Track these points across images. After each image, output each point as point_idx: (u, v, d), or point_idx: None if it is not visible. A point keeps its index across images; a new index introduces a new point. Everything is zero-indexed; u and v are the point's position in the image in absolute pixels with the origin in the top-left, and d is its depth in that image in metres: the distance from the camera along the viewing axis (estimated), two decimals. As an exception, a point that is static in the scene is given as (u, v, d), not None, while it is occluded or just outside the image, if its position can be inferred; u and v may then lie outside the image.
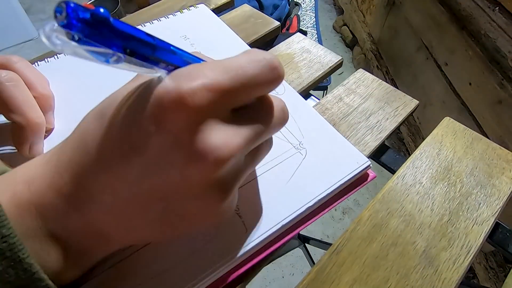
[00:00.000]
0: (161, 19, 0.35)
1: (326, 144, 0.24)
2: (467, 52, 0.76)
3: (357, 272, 0.19)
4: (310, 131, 0.25)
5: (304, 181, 0.22)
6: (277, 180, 0.22)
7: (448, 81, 0.84)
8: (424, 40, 0.94)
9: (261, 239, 0.19)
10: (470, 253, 0.20)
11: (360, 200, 1.05)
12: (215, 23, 0.36)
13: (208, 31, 0.35)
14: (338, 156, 0.23)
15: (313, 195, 0.21)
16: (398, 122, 0.28)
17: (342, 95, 0.31)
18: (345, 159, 0.23)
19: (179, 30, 0.35)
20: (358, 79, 0.32)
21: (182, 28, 0.35)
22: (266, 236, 0.19)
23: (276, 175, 0.22)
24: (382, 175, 1.26)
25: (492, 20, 0.68)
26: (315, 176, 0.22)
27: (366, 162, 0.23)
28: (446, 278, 0.19)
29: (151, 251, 0.18)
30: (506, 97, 0.66)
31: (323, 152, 0.23)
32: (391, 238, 0.21)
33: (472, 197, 0.23)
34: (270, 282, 0.88)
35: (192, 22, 0.35)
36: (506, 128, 0.67)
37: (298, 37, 0.37)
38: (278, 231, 0.20)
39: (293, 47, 0.36)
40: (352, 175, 0.22)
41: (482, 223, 0.21)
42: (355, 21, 1.44)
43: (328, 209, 0.21)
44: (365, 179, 0.23)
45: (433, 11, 0.87)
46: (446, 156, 0.25)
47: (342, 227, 0.99)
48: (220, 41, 0.33)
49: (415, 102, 0.30)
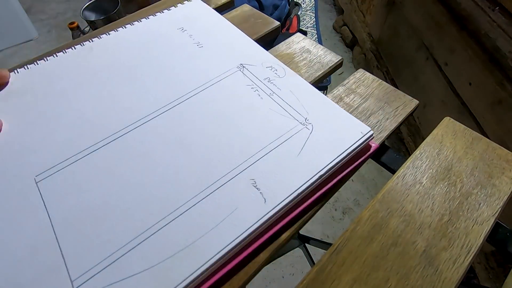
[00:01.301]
0: (157, 14, 0.36)
1: (330, 118, 0.26)
2: (467, 52, 0.75)
3: (357, 272, 0.19)
4: (314, 107, 0.27)
5: (314, 152, 0.24)
6: (289, 154, 0.24)
7: (448, 81, 0.84)
8: (424, 40, 0.94)
9: (280, 206, 0.21)
10: (470, 253, 0.20)
11: (360, 200, 1.05)
12: (210, 14, 0.37)
13: (205, 22, 0.36)
14: (343, 128, 0.25)
15: (323, 164, 0.23)
16: (398, 122, 0.28)
17: (342, 95, 0.31)
18: (349, 130, 0.25)
19: (175, 23, 0.35)
20: (358, 79, 0.32)
21: (178, 21, 0.36)
22: (284, 204, 0.21)
23: (287, 149, 0.24)
24: (382, 175, 1.25)
25: (492, 20, 0.67)
26: (323, 147, 0.24)
27: (369, 131, 0.25)
28: (446, 278, 0.19)
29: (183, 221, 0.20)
30: (506, 97, 0.66)
31: (328, 125, 0.26)
32: (391, 238, 0.21)
33: (472, 197, 0.23)
34: (270, 282, 0.88)
35: (188, 15, 0.36)
36: (506, 128, 0.67)
37: (298, 37, 0.37)
38: (295, 200, 0.22)
39: (293, 47, 0.36)
40: (358, 143, 0.24)
41: (482, 223, 0.21)
42: (355, 21, 1.44)
43: (337, 178, 0.24)
44: (368, 149, 0.25)
45: (433, 11, 0.87)
46: (446, 156, 0.25)
47: (342, 227, 0.99)
48: (217, 31, 0.35)
49: (415, 102, 0.30)
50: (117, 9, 1.39)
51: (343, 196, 1.07)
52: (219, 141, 0.24)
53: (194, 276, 0.18)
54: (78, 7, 1.49)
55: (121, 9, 1.43)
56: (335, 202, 1.05)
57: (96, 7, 1.44)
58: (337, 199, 1.06)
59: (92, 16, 1.43)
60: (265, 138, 0.25)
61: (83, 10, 1.39)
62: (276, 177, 0.22)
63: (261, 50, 0.32)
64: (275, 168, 0.23)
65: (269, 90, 0.28)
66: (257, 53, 0.32)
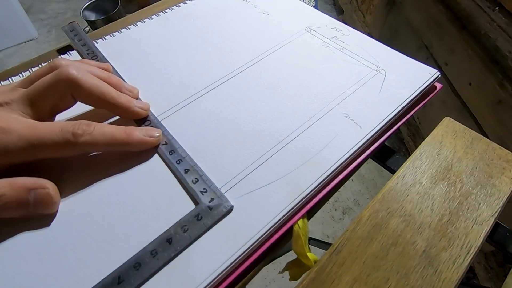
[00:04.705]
0: (180, 4, 0.39)
1: (399, 64, 0.30)
2: (467, 52, 0.76)
3: (357, 272, 0.19)
4: (383, 57, 0.31)
5: (393, 90, 0.27)
6: (371, 92, 0.27)
7: (448, 81, 0.84)
8: (424, 40, 0.94)
9: (375, 131, 0.25)
10: (470, 253, 0.20)
11: (360, 200, 1.05)
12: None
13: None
14: (413, 71, 0.29)
15: (404, 97, 0.27)
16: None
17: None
18: (419, 72, 0.29)
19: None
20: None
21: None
22: (378, 129, 0.25)
23: (368, 89, 0.28)
24: (382, 175, 1.25)
25: (492, 20, 0.68)
26: (400, 85, 0.28)
27: (436, 73, 0.29)
28: (446, 278, 0.19)
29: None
30: (506, 97, 0.66)
31: (399, 70, 0.29)
32: (391, 238, 0.21)
33: (472, 197, 0.23)
34: (270, 282, 0.88)
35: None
36: (506, 128, 0.67)
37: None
38: (386, 124, 0.25)
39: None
40: (429, 81, 0.28)
41: (482, 223, 0.21)
42: (355, 21, 1.44)
43: (414, 111, 0.28)
44: (434, 89, 0.29)
45: (433, 11, 0.87)
46: (446, 156, 0.25)
47: (342, 227, 0.99)
48: (277, 1, 0.38)
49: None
50: (117, 9, 1.39)
51: (343, 196, 1.07)
52: (307, 85, 0.28)
53: (317, 183, 0.22)
54: (78, 7, 1.49)
55: (121, 9, 1.43)
56: (335, 202, 1.05)
57: (96, 7, 1.44)
58: (337, 199, 1.06)
59: (92, 16, 1.43)
60: (347, 81, 0.28)
61: (83, 10, 1.39)
62: (365, 110, 0.26)
63: (322, 15, 0.36)
64: (362, 103, 0.26)
65: (339, 46, 0.32)
66: (320, 17, 0.36)
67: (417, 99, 0.28)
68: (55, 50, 0.34)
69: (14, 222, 0.19)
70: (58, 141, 0.19)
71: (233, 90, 0.28)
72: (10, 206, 0.18)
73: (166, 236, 0.19)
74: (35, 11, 1.81)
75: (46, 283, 0.17)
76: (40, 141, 0.19)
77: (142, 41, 0.33)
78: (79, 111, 0.26)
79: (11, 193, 0.18)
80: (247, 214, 0.20)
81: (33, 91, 0.21)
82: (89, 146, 0.21)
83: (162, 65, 0.31)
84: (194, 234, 0.19)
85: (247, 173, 0.22)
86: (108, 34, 0.34)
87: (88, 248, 0.19)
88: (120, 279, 0.17)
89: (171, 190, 0.21)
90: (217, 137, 0.24)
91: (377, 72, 0.29)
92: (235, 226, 0.20)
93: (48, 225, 0.20)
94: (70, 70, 0.21)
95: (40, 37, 1.67)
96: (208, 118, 0.26)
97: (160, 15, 0.36)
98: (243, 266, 0.19)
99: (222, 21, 0.35)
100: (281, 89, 0.28)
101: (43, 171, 0.21)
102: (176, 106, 0.27)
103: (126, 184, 0.22)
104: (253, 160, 0.23)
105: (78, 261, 0.18)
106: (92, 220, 0.20)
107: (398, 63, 0.30)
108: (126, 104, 0.24)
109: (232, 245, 0.19)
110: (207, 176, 0.22)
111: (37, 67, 0.31)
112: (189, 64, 0.30)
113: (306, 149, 0.24)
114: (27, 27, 1.62)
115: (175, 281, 0.17)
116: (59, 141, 0.20)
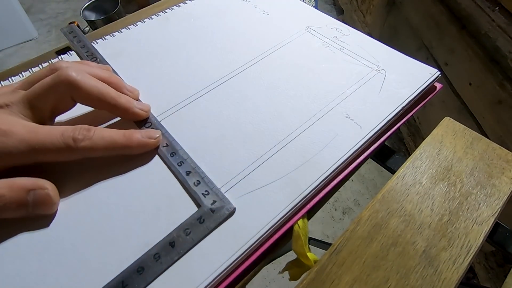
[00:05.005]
0: (180, 4, 0.38)
1: (399, 64, 0.30)
2: (467, 52, 0.76)
3: (357, 272, 0.19)
4: (383, 57, 0.31)
5: (393, 90, 0.27)
6: (371, 92, 0.27)
7: (448, 81, 0.84)
8: (424, 40, 0.94)
9: (375, 131, 0.24)
10: (470, 253, 0.20)
11: (360, 200, 1.05)
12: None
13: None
14: (413, 71, 0.29)
15: (404, 97, 0.27)
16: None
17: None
18: (419, 72, 0.29)
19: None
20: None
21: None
22: (378, 129, 0.25)
23: (368, 89, 0.28)
24: (382, 175, 1.25)
25: (492, 20, 0.67)
26: (400, 85, 0.28)
27: (436, 72, 0.29)
28: (446, 278, 0.19)
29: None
30: (506, 97, 0.66)
31: (399, 70, 0.29)
32: (391, 238, 0.21)
33: (472, 197, 0.23)
34: (270, 282, 0.88)
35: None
36: (506, 128, 0.67)
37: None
38: (386, 124, 0.25)
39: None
40: (429, 81, 0.28)
41: (482, 223, 0.21)
42: (355, 21, 1.44)
43: (414, 111, 0.28)
44: (434, 89, 0.29)
45: (433, 11, 0.87)
46: (446, 156, 0.25)
47: (342, 227, 0.99)
48: (277, 0, 0.39)
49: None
50: (117, 9, 1.39)
51: (343, 196, 1.07)
52: (307, 85, 0.28)
53: (317, 183, 0.22)
54: (78, 7, 1.49)
55: (121, 9, 1.43)
56: (335, 202, 1.05)
57: (96, 7, 1.44)
58: (337, 199, 1.06)
59: (92, 16, 1.43)
60: (347, 81, 0.28)
61: (83, 10, 1.39)
62: (365, 109, 0.26)
63: (322, 14, 0.36)
64: (362, 103, 0.26)
65: (339, 46, 0.32)
66: (320, 16, 0.36)
67: (417, 99, 0.28)
68: (54, 51, 0.34)
69: (14, 222, 0.19)
70: (58, 145, 0.20)
71: (233, 90, 0.28)
72: (9, 206, 0.18)
73: (169, 240, 0.19)
74: (35, 11, 1.81)
75: (46, 283, 0.17)
76: (40, 145, 0.19)
77: (142, 41, 0.33)
78: (79, 112, 0.26)
79: (11, 194, 0.18)
80: (247, 214, 0.20)
81: (33, 93, 0.21)
82: (89, 151, 0.21)
83: (162, 65, 0.31)
84: (196, 237, 0.19)
85: (247, 173, 0.22)
86: (108, 34, 0.34)
87: (88, 248, 0.19)
88: (124, 283, 0.17)
89: (172, 192, 0.21)
90: (217, 137, 0.25)
91: (377, 72, 0.29)
92: (235, 226, 0.20)
93: (47, 225, 0.20)
94: (70, 72, 0.21)
95: (40, 37, 1.67)
96: (208, 118, 0.26)
97: (160, 15, 0.37)
98: (243, 266, 0.19)
99: (222, 21, 0.35)
100: (281, 89, 0.28)
101: (42, 171, 0.21)
102: (176, 106, 0.27)
103: (126, 185, 0.22)
104: (253, 160, 0.23)
105: (78, 262, 0.18)
106: (92, 220, 0.20)
107: (398, 63, 0.30)
108: (126, 105, 0.24)
109: (232, 245, 0.19)
110: (208, 178, 0.22)
111: (37, 67, 0.31)
112: (189, 64, 0.30)
113: (306, 149, 0.24)
114: (27, 27, 1.62)
115: (175, 281, 0.17)
116: (60, 146, 0.20)
